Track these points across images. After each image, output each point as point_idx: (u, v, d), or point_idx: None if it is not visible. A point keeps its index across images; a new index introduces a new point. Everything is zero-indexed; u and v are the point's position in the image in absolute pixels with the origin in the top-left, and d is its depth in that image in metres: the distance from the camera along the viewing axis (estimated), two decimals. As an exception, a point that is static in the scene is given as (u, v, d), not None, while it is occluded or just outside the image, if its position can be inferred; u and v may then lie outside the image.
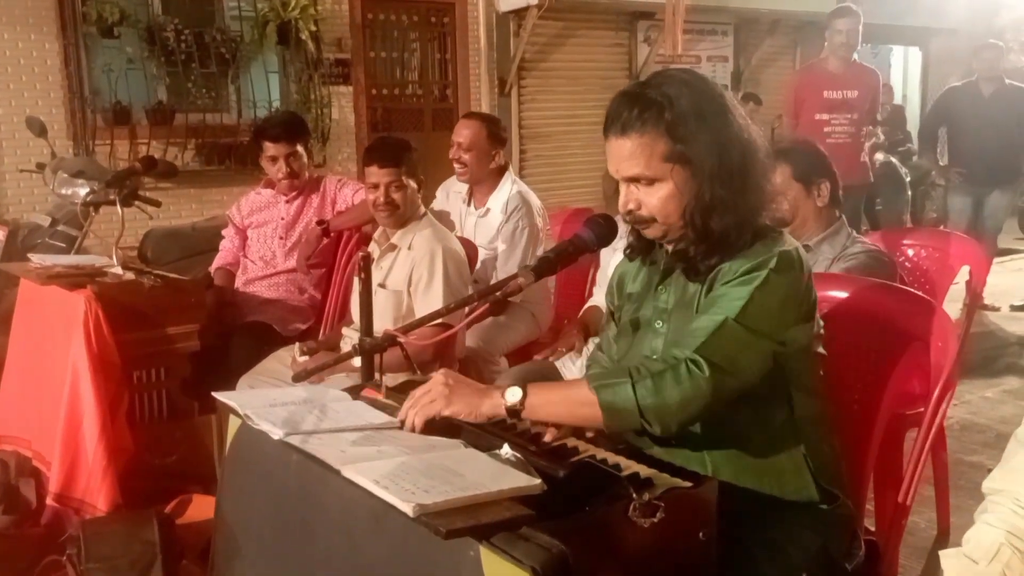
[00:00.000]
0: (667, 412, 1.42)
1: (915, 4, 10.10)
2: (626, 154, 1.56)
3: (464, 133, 3.52)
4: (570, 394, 1.50)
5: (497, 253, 3.49)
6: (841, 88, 5.17)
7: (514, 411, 1.48)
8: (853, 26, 5.07)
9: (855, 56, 5.24)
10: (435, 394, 1.52)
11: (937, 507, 2.89)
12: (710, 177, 1.53)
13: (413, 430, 1.51)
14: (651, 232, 1.62)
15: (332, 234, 3.59)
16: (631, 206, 1.60)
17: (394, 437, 1.52)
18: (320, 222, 3.57)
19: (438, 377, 1.55)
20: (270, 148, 3.55)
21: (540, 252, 3.52)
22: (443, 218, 3.56)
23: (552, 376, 2.76)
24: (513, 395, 1.48)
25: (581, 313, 3.05)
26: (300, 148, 3.61)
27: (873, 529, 1.94)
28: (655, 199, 1.57)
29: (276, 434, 1.50)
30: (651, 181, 1.56)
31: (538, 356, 2.93)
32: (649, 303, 1.70)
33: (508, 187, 3.57)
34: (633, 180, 1.58)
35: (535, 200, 3.58)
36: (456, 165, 3.55)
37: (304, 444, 1.46)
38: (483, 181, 3.57)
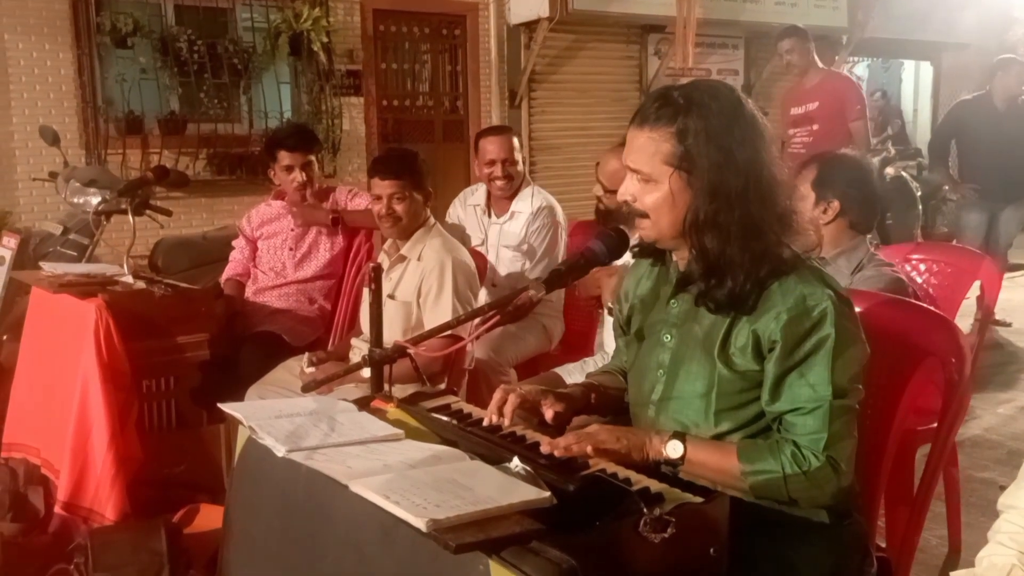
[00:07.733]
0: (815, 500, 1.54)
1: (926, 19, 10.07)
2: (635, 145, 1.58)
3: (507, 146, 3.55)
4: (724, 466, 1.53)
5: (524, 254, 3.54)
6: (804, 102, 5.26)
7: (671, 463, 1.54)
8: (797, 45, 5.13)
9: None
10: (603, 432, 1.55)
11: (949, 524, 2.87)
12: (706, 194, 1.52)
13: (568, 454, 1.50)
14: (645, 231, 1.62)
15: (341, 226, 3.61)
16: (627, 197, 1.61)
17: (397, 449, 1.52)
18: (333, 212, 3.59)
19: (596, 425, 1.58)
20: (286, 157, 3.57)
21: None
22: (459, 233, 3.57)
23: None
24: (675, 450, 1.54)
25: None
26: (313, 158, 3.66)
27: (885, 546, 1.93)
28: (648, 198, 1.58)
29: (279, 451, 1.51)
30: (648, 179, 1.57)
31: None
32: (659, 313, 1.70)
33: (530, 190, 3.63)
34: (635, 172, 1.59)
35: (554, 200, 3.64)
36: (500, 182, 3.56)
37: (308, 460, 1.46)
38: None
